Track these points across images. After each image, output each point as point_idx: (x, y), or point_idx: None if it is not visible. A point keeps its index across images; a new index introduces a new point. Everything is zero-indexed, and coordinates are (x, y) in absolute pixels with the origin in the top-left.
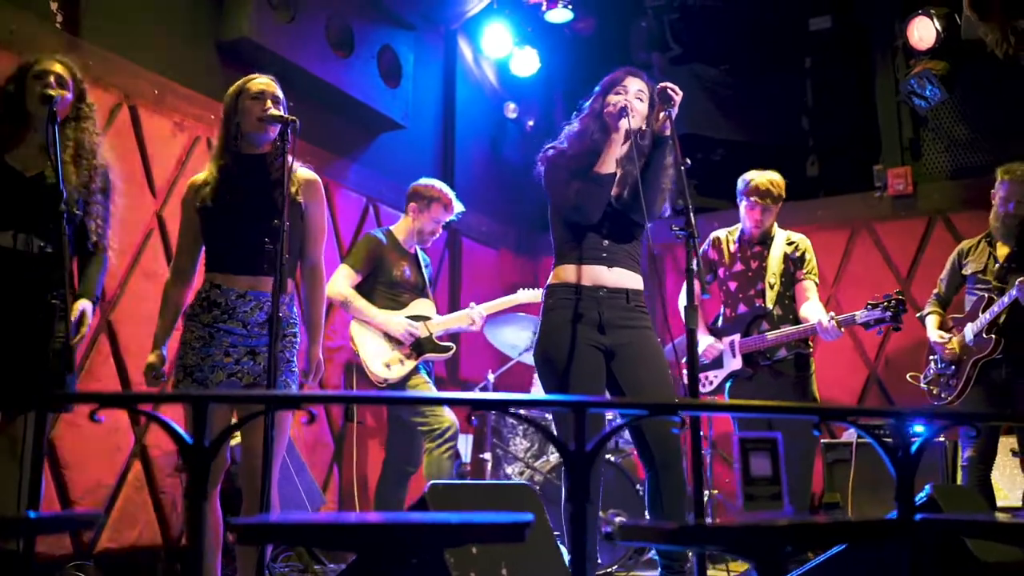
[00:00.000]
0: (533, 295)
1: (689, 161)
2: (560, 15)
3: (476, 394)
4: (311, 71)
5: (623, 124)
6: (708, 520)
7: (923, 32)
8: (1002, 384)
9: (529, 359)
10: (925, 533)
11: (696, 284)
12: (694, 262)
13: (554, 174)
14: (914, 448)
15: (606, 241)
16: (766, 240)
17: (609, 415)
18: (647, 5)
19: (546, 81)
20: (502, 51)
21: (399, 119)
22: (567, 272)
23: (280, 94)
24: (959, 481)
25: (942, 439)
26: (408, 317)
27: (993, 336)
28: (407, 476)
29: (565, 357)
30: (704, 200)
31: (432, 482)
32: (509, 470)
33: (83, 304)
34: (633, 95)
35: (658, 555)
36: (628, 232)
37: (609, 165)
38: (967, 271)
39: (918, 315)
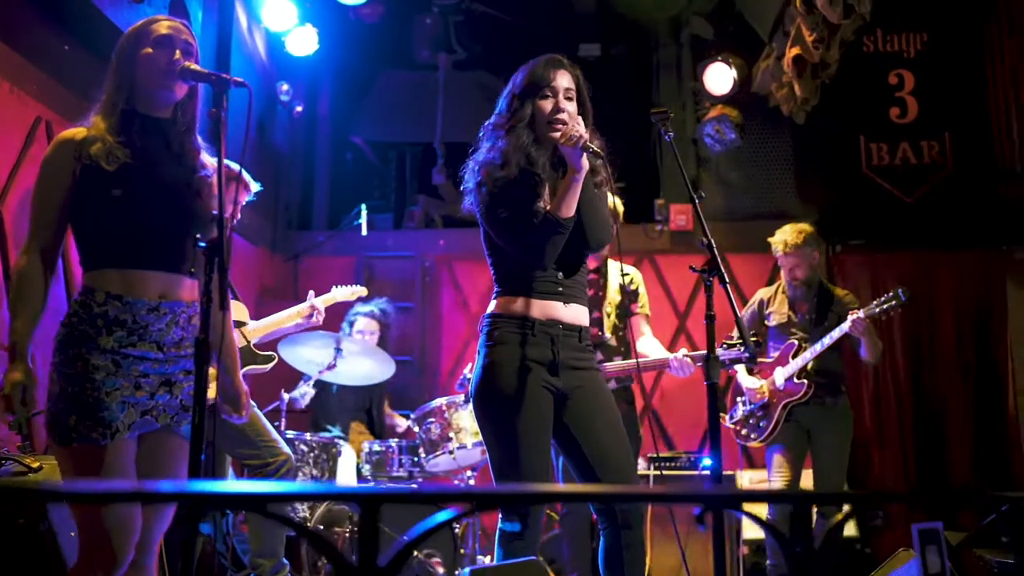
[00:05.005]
0: (346, 291)
1: (704, 194)
2: None
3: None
4: (102, 9)
5: (584, 162)
6: None
7: (719, 79)
8: (808, 426)
9: (327, 379)
10: None
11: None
12: (741, 311)
13: (501, 210)
14: None
15: (560, 274)
16: (600, 269)
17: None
18: (434, 2)
19: (317, 64)
20: (282, 25)
21: None
22: (517, 304)
23: (193, 42)
24: None
25: (729, 472)
26: None
27: (804, 381)
28: None
29: (514, 398)
30: (473, 214)
31: (471, 569)
32: (298, 503)
33: None
34: (564, 99)
35: None
36: (580, 262)
37: (571, 208)
38: (771, 323)
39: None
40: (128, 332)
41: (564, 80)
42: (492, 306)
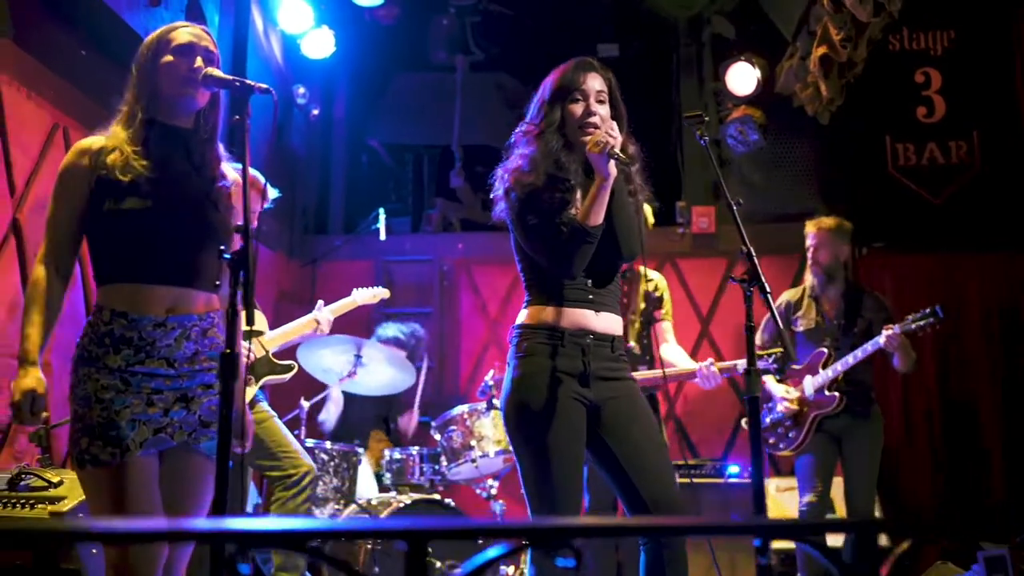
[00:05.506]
0: (367, 294)
1: (741, 201)
2: None
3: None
4: (119, 13)
5: (613, 168)
6: None
7: (743, 79)
8: (839, 434)
9: (346, 389)
10: None
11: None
12: (776, 320)
13: (530, 217)
14: None
15: (590, 283)
16: (626, 274)
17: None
18: (451, 3)
19: (333, 67)
20: (299, 27)
21: None
22: (546, 314)
23: (215, 49)
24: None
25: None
26: None
27: (836, 393)
28: None
29: (544, 411)
30: (491, 216)
31: None
32: (318, 512)
33: None
34: (595, 102)
35: None
36: (613, 272)
37: (598, 216)
38: (798, 328)
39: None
40: (135, 350)
41: (595, 83)
42: (522, 316)
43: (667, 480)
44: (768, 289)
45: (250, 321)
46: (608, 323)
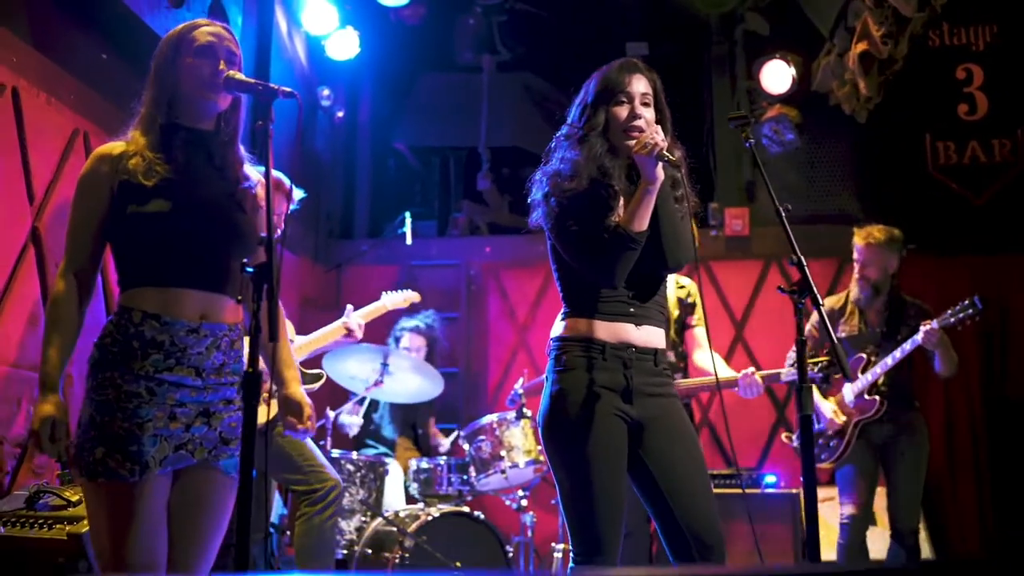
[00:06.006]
0: (398, 298)
1: (789, 206)
2: None
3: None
4: (140, 15)
5: (660, 172)
6: None
7: (778, 77)
8: (881, 443)
9: (373, 397)
10: None
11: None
12: (829, 334)
13: (570, 223)
14: None
15: (631, 293)
16: None
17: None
18: (477, 2)
19: (358, 68)
20: (323, 28)
21: None
22: (586, 326)
23: (237, 50)
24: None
25: (795, 491)
26: None
27: (876, 397)
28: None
29: (584, 427)
30: (519, 219)
31: None
32: (345, 524)
33: None
34: (640, 105)
35: None
36: (657, 283)
37: (643, 221)
38: (840, 335)
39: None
40: (165, 355)
41: (640, 85)
42: (560, 328)
43: (707, 509)
44: (820, 301)
45: (273, 337)
46: (650, 336)
